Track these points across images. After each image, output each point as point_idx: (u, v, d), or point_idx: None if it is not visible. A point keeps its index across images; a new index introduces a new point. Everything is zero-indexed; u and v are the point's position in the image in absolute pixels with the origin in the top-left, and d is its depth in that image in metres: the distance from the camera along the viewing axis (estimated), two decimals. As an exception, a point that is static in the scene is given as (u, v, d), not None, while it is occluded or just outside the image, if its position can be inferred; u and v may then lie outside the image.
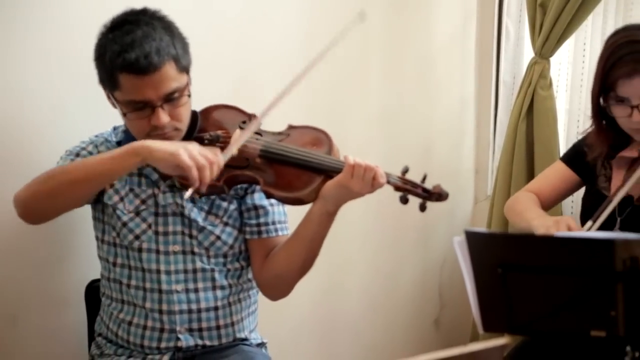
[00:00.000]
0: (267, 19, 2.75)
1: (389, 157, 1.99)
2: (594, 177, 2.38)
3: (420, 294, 3.37)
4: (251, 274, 2.22)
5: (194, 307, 2.12)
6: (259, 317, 2.30)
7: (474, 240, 1.69)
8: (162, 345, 2.12)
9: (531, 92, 3.07)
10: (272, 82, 2.17)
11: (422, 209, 2.00)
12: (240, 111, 2.17)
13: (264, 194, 2.07)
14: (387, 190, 2.01)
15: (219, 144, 2.07)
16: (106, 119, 2.21)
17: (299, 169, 2.05)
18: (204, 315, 2.13)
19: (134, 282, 2.12)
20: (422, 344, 3.35)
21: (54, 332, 2.39)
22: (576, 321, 1.69)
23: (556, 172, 2.48)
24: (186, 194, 1.92)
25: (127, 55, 1.94)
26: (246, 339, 2.22)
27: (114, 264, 2.14)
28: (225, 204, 2.15)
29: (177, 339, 2.12)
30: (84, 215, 2.22)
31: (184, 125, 2.06)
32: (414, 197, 2.01)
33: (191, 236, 2.12)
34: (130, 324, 2.14)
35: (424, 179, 2.01)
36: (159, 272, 2.10)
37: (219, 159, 1.92)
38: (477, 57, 3.39)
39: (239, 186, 2.14)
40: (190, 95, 2.06)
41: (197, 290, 2.13)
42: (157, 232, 2.11)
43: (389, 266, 3.25)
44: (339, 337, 3.14)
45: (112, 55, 1.96)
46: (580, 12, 2.92)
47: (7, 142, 2.26)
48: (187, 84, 2.05)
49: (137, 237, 2.10)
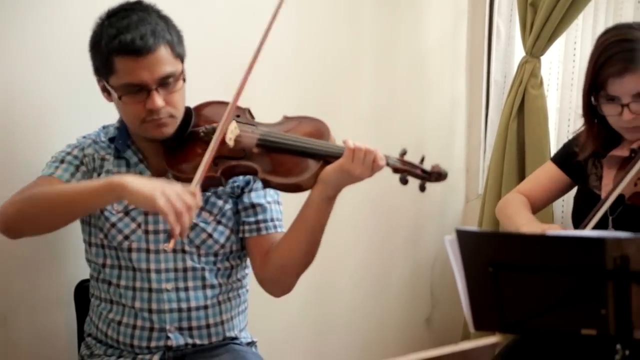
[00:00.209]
0: (258, 16, 2.74)
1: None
2: (585, 177, 2.38)
3: (411, 293, 3.37)
4: (241, 274, 2.22)
5: (184, 305, 2.12)
6: (250, 316, 2.30)
7: (465, 239, 1.69)
8: (152, 344, 2.12)
9: (522, 91, 3.07)
10: (263, 79, 2.17)
11: (422, 189, 2.03)
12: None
13: (262, 183, 2.07)
14: (377, 189, 2.01)
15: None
16: (96, 119, 2.20)
17: (297, 156, 2.05)
18: (194, 314, 2.13)
19: (123, 282, 2.12)
20: (414, 342, 3.35)
21: (43, 333, 2.39)
22: (567, 320, 1.69)
23: (547, 173, 2.49)
24: (169, 246, 1.90)
25: (123, 37, 1.97)
26: (236, 338, 2.21)
27: (104, 265, 2.13)
28: (220, 203, 2.14)
29: (167, 338, 2.11)
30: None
31: (178, 112, 2.07)
32: (413, 178, 2.02)
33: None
34: (119, 323, 2.13)
35: (422, 160, 2.03)
36: (149, 271, 2.10)
37: (197, 201, 1.89)
38: (468, 56, 3.39)
39: (236, 185, 2.14)
40: (185, 80, 2.07)
41: (187, 289, 2.12)
42: (147, 231, 2.10)
43: (381, 265, 3.25)
44: (330, 336, 3.14)
45: (108, 39, 1.99)
46: (570, 11, 2.92)
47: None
48: (182, 72, 2.06)
49: (126, 237, 2.09)
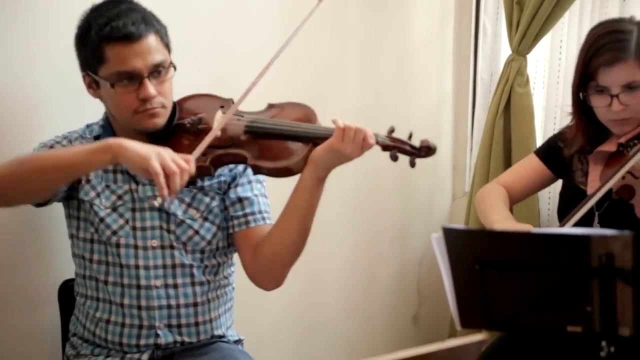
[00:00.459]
0: (243, 14, 2.75)
1: (367, 153, 2.00)
2: (570, 172, 2.39)
3: (398, 291, 3.37)
4: (227, 271, 2.22)
5: (173, 302, 2.12)
6: (236, 314, 2.30)
7: (451, 236, 1.69)
8: (141, 342, 2.11)
9: (508, 89, 3.08)
10: (248, 76, 2.17)
11: (412, 164, 2.04)
12: (216, 97, 2.18)
13: (252, 169, 2.07)
14: (365, 187, 2.01)
15: (201, 126, 2.08)
16: (82, 118, 2.20)
17: (285, 140, 2.06)
18: (183, 311, 2.13)
19: (111, 279, 2.11)
20: (401, 340, 3.36)
21: (27, 333, 2.37)
22: (553, 317, 1.70)
23: (530, 165, 2.49)
24: (157, 202, 1.93)
25: (115, 23, 1.98)
26: (223, 336, 2.22)
27: (91, 261, 2.12)
28: (207, 199, 2.15)
29: (157, 335, 2.11)
30: (56, 215, 2.21)
31: (169, 102, 2.08)
32: (403, 155, 2.04)
33: (169, 230, 2.12)
34: (108, 322, 2.13)
35: (410, 136, 2.05)
36: (137, 267, 2.10)
37: (191, 167, 1.91)
38: (454, 54, 3.40)
39: (222, 180, 2.15)
40: (175, 68, 2.08)
41: (176, 285, 2.12)
42: (134, 228, 2.10)
43: (368, 263, 3.25)
44: (317, 334, 3.14)
45: (98, 27, 1.99)
46: (556, 9, 2.93)
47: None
48: (171, 62, 2.07)
49: (114, 233, 2.09)
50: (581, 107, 2.30)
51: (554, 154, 2.43)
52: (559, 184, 2.51)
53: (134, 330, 2.12)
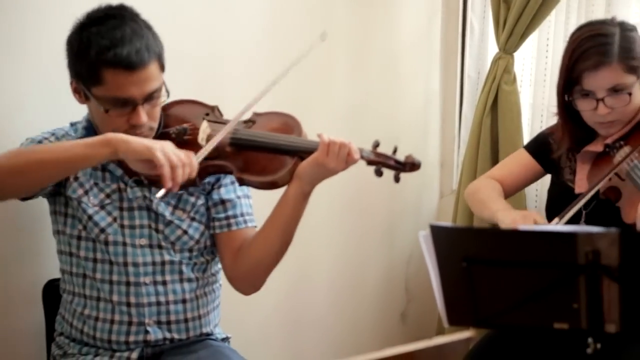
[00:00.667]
0: (230, 15, 2.74)
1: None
2: (559, 169, 2.40)
3: (386, 288, 3.38)
4: (215, 269, 2.22)
5: (162, 299, 2.12)
6: (225, 313, 2.30)
7: (438, 234, 1.70)
8: (131, 339, 2.11)
9: (495, 87, 3.09)
10: (235, 78, 2.17)
11: (397, 180, 2.05)
12: (201, 104, 2.18)
13: (238, 181, 2.08)
14: (352, 185, 2.02)
15: (186, 137, 2.08)
16: (64, 117, 2.18)
17: (271, 153, 2.06)
18: (172, 307, 2.13)
19: (99, 276, 2.10)
20: (389, 337, 3.36)
21: (9, 335, 2.34)
22: (540, 314, 1.71)
23: (520, 160, 2.50)
24: (159, 193, 1.92)
25: (119, 50, 1.94)
26: (211, 334, 2.22)
27: (78, 257, 2.11)
28: (192, 199, 2.14)
29: (146, 332, 2.11)
30: (39, 214, 2.20)
31: (156, 124, 2.07)
32: (388, 170, 2.05)
33: (157, 230, 2.12)
34: (96, 319, 2.12)
35: (395, 151, 2.06)
36: (126, 264, 2.10)
37: (193, 162, 1.92)
38: (442, 52, 3.41)
39: (207, 181, 2.14)
40: (169, 94, 2.06)
41: (165, 282, 2.12)
42: (122, 226, 2.10)
43: (356, 261, 3.26)
44: (305, 332, 3.14)
45: (99, 49, 1.95)
46: (543, 8, 2.95)
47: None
48: (163, 83, 2.06)
49: (102, 230, 2.09)
50: (567, 110, 2.31)
51: (543, 149, 2.44)
52: (547, 181, 2.52)
53: (123, 327, 2.11)
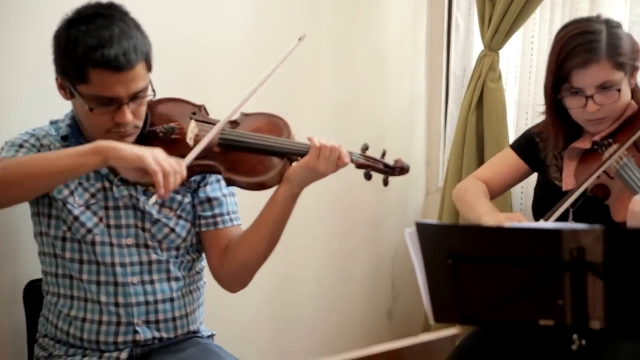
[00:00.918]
0: (215, 13, 2.74)
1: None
2: (545, 167, 2.41)
3: (372, 286, 3.39)
4: (199, 266, 2.23)
5: (151, 298, 2.12)
6: (212, 310, 2.31)
7: (424, 231, 1.70)
8: (120, 339, 2.10)
9: (481, 85, 3.10)
10: (220, 77, 2.16)
11: (385, 183, 2.09)
12: (187, 103, 2.17)
13: (226, 182, 2.08)
14: (339, 182, 2.02)
15: (174, 136, 2.07)
16: (48, 113, 2.17)
17: (260, 154, 2.07)
18: (161, 306, 2.13)
19: (86, 277, 2.09)
20: (375, 335, 3.37)
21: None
22: (525, 311, 1.71)
23: (506, 160, 2.50)
24: (151, 200, 1.95)
25: (106, 50, 1.93)
26: (197, 331, 2.22)
27: (63, 258, 2.10)
28: (179, 197, 2.14)
29: (135, 332, 2.10)
30: (20, 215, 2.19)
31: (141, 122, 2.06)
32: (377, 173, 2.08)
33: (144, 229, 2.11)
34: (84, 320, 2.10)
35: (384, 154, 2.08)
36: (113, 264, 2.09)
37: (182, 169, 1.92)
38: (427, 50, 3.41)
39: (193, 179, 2.14)
40: (155, 93, 2.05)
41: (152, 281, 2.12)
42: (108, 226, 2.09)
43: (342, 258, 3.26)
44: (291, 329, 3.15)
45: (87, 48, 1.93)
46: (528, 5, 2.95)
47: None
48: (150, 82, 2.05)
49: (89, 231, 2.08)
50: (555, 108, 2.31)
51: (529, 147, 2.44)
52: (532, 180, 2.52)
53: (111, 327, 2.10)
